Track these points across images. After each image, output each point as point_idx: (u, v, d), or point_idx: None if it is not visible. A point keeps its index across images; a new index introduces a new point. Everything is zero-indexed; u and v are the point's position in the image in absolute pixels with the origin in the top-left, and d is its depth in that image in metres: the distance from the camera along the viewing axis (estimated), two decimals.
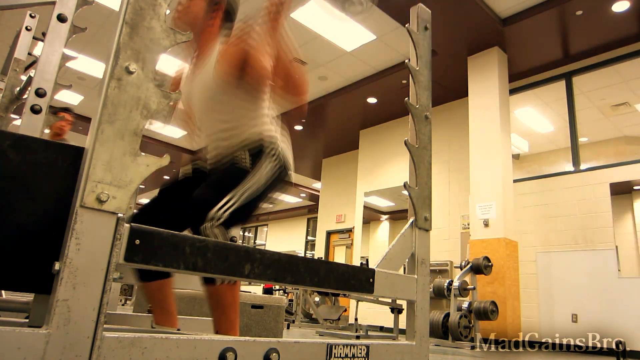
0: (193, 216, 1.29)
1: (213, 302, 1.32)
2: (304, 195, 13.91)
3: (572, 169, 5.85)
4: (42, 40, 1.84)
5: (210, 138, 1.54)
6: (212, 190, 1.35)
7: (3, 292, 1.84)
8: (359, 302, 6.19)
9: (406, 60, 1.36)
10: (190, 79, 1.58)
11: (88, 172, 0.69)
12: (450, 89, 6.95)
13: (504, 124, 5.88)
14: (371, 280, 1.08)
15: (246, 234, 17.37)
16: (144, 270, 1.42)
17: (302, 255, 11.43)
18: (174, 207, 1.44)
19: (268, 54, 1.43)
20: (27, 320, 1.14)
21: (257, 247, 1.34)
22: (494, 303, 5.02)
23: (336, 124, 9.01)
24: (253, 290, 10.59)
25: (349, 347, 0.99)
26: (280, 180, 1.47)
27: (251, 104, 1.51)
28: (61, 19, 1.82)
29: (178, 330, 1.46)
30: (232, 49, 1.45)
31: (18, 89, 2.06)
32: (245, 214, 1.38)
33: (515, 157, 7.22)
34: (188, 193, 1.37)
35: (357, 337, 4.93)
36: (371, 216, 9.47)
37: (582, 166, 5.82)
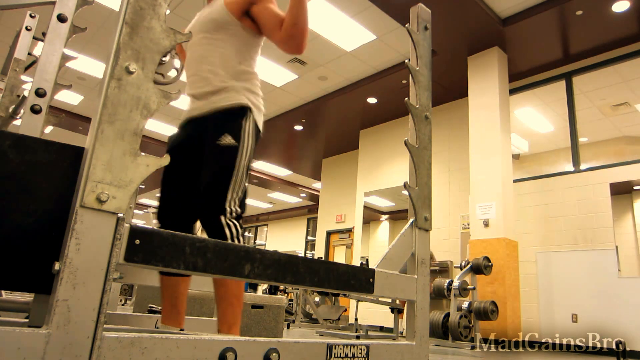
0: (206, 210, 1.38)
1: (222, 291, 1.33)
2: (304, 195, 13.91)
3: (572, 169, 5.85)
4: (42, 40, 1.84)
5: (197, 81, 1.55)
6: (215, 181, 1.41)
7: (3, 292, 1.84)
8: (359, 302, 6.18)
9: (406, 60, 1.36)
10: (203, 12, 1.65)
11: (88, 172, 0.69)
12: (450, 89, 6.95)
13: (504, 124, 5.87)
14: (371, 280, 1.08)
15: (246, 234, 17.37)
16: None
17: (302, 255, 11.43)
18: (184, 201, 1.50)
19: (272, 4, 1.53)
20: (27, 320, 1.14)
21: (257, 247, 1.34)
22: (494, 303, 5.03)
23: (336, 124, 9.01)
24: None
25: (349, 347, 0.99)
26: (257, 141, 1.55)
27: (244, 57, 1.57)
28: (61, 19, 1.82)
29: (181, 330, 1.46)
30: None
31: (18, 89, 2.06)
32: (244, 194, 1.49)
33: (515, 157, 7.22)
34: (190, 172, 1.48)
35: (357, 337, 4.93)
36: (371, 216, 9.47)
37: (582, 166, 5.82)
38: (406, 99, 1.30)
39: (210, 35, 1.55)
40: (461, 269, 5.36)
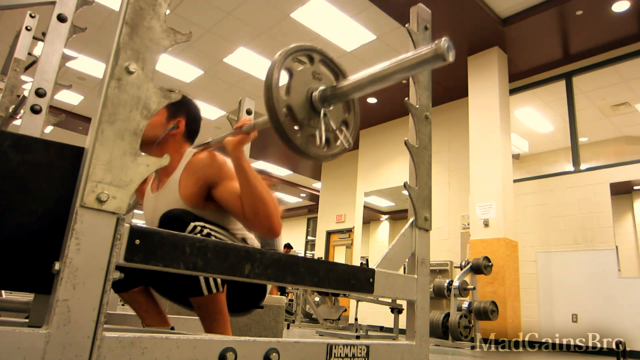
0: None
1: (202, 312, 1.29)
2: (304, 195, 13.91)
3: (572, 169, 5.85)
4: (42, 40, 1.84)
5: None
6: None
7: (3, 292, 1.84)
8: (359, 302, 6.18)
9: None
10: (152, 199, 1.47)
11: (88, 172, 0.69)
12: (450, 89, 6.95)
13: (504, 124, 5.88)
14: (371, 280, 1.08)
15: None
16: (118, 282, 1.36)
17: (302, 255, 11.43)
18: None
19: (234, 181, 1.31)
20: (27, 320, 1.14)
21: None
22: (494, 303, 5.02)
23: None
24: None
25: (349, 347, 0.99)
26: None
27: (221, 223, 1.40)
28: (61, 19, 1.82)
29: (172, 328, 1.46)
30: (197, 170, 1.35)
31: (18, 89, 2.06)
32: None
33: (515, 157, 7.22)
34: None
35: (357, 337, 4.93)
36: (371, 216, 9.48)
37: (582, 166, 5.82)
38: (406, 99, 1.30)
39: None
40: (461, 269, 5.36)
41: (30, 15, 2.25)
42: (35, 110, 1.70)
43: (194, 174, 1.35)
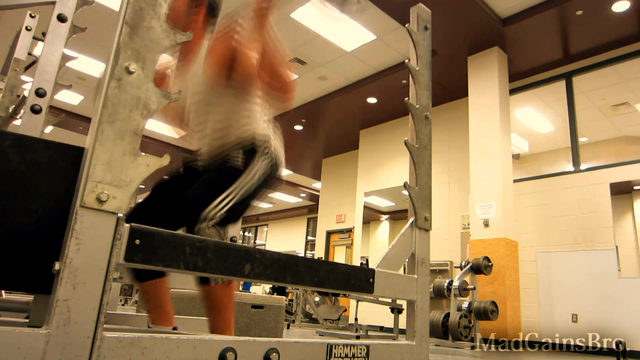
0: (187, 216, 1.30)
1: (208, 302, 1.33)
2: (304, 195, 13.90)
3: (572, 169, 5.85)
4: (42, 40, 1.84)
5: (203, 138, 1.55)
6: (205, 190, 1.37)
7: (3, 292, 1.84)
8: (359, 302, 6.18)
9: (406, 60, 1.36)
10: (179, 78, 1.59)
11: (88, 172, 0.69)
12: (450, 89, 6.95)
13: (504, 124, 5.87)
14: (371, 280, 1.08)
15: (246, 234, 17.37)
16: (139, 270, 1.42)
17: (302, 255, 11.42)
18: (167, 206, 1.45)
19: (255, 50, 1.44)
20: (27, 320, 1.14)
21: (257, 247, 1.33)
22: (494, 303, 5.02)
23: (336, 124, 9.01)
24: (255, 289, 10.59)
25: (349, 347, 0.99)
26: (272, 177, 1.51)
27: (243, 102, 1.52)
28: (61, 19, 1.82)
29: (174, 328, 1.47)
30: (219, 47, 1.46)
31: (18, 89, 2.06)
32: (238, 213, 1.41)
33: (515, 157, 7.22)
34: (181, 191, 1.38)
35: (357, 337, 4.93)
36: (371, 216, 9.47)
37: (582, 166, 5.82)
38: (406, 99, 1.30)
39: (204, 100, 1.54)
40: (461, 269, 5.36)
41: (30, 15, 2.25)
42: (35, 110, 1.70)
43: (219, 50, 1.46)
